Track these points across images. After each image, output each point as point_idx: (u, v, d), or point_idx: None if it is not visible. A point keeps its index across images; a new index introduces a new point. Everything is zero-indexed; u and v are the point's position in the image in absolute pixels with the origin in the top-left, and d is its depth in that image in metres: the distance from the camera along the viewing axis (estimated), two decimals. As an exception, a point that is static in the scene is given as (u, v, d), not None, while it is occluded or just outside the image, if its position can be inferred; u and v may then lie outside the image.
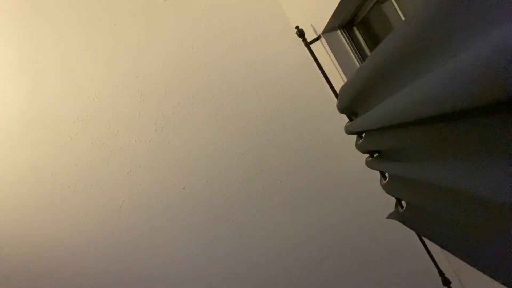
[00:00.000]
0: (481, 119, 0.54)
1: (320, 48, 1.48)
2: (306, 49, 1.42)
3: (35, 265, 1.54)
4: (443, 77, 0.51)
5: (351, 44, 1.44)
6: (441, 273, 1.43)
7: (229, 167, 1.67)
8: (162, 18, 1.70)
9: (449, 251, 0.92)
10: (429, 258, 1.44)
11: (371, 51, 1.41)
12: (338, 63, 1.43)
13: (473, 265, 0.80)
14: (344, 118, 1.45)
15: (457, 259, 0.88)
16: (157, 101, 1.66)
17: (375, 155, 1.31)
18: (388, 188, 1.26)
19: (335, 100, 1.44)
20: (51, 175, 1.57)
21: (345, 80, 1.42)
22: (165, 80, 1.67)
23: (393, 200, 1.33)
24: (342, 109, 1.31)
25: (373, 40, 1.39)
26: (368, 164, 1.30)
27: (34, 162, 1.56)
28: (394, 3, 1.09)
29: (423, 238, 1.40)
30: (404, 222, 1.19)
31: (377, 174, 1.39)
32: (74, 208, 1.57)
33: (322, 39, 1.44)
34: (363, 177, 1.66)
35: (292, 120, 1.72)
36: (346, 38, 1.43)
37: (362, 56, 1.44)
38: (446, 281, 1.43)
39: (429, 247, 1.42)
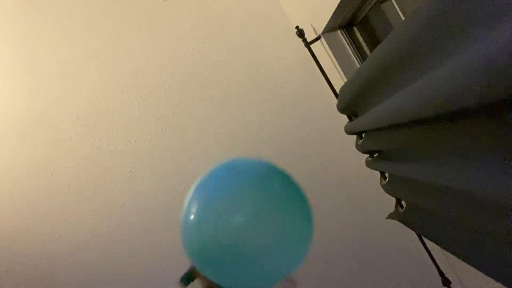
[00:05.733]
0: (482, 119, 0.54)
1: (320, 48, 1.48)
2: (306, 49, 1.42)
3: (34, 265, 1.53)
4: (443, 77, 0.51)
5: (351, 44, 1.43)
6: (441, 274, 1.43)
7: (229, 167, 1.67)
8: (162, 18, 1.70)
9: (449, 251, 0.92)
10: (429, 258, 1.44)
11: (371, 51, 1.41)
12: (338, 63, 1.43)
13: (473, 265, 0.79)
14: (344, 118, 1.45)
15: (457, 259, 0.88)
16: (157, 101, 1.66)
17: (375, 155, 1.30)
18: (388, 188, 1.25)
19: (335, 100, 1.44)
20: (51, 175, 1.57)
21: (345, 80, 1.42)
22: (165, 80, 1.67)
23: (393, 200, 1.33)
24: (342, 109, 1.31)
25: (373, 40, 1.39)
26: (368, 164, 1.30)
27: (34, 162, 1.56)
28: (394, 3, 1.09)
29: (423, 238, 1.40)
30: (404, 222, 1.19)
31: (377, 174, 1.38)
32: (74, 208, 1.57)
33: (322, 39, 1.44)
34: (363, 177, 1.65)
35: (292, 120, 1.72)
36: (346, 38, 1.43)
37: (362, 56, 1.44)
38: (446, 281, 1.42)
39: (429, 247, 1.42)
